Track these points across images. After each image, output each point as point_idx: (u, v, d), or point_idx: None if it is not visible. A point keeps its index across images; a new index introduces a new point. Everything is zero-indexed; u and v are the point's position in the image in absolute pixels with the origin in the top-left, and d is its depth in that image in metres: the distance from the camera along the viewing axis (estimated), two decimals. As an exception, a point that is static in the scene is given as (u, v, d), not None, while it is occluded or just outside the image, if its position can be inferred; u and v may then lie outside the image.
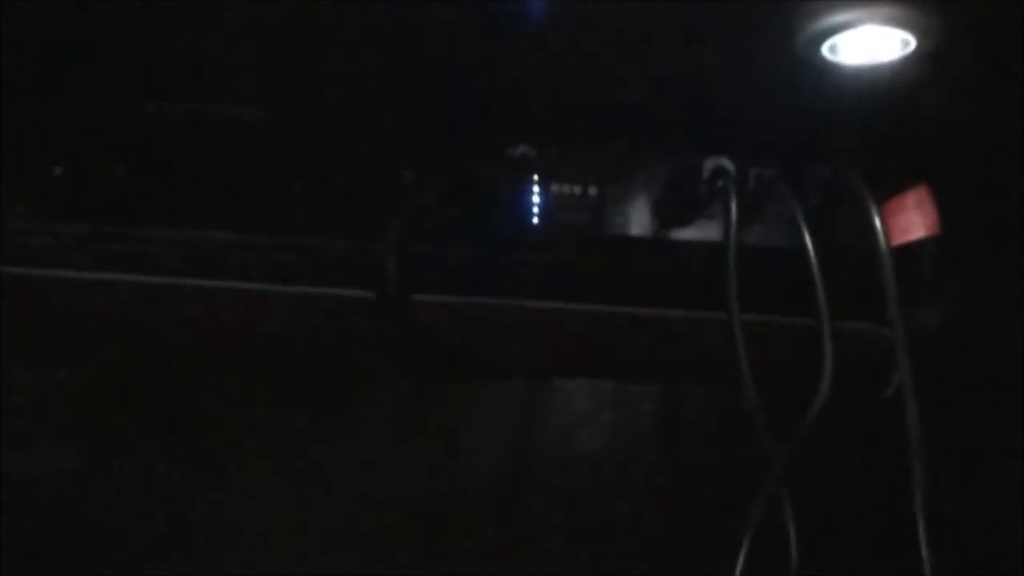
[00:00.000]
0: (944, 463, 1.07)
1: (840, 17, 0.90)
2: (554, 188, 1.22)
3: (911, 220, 1.19)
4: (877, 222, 1.05)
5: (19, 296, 1.26)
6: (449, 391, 1.48)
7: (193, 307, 1.27)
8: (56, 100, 1.24)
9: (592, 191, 1.22)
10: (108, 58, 1.16)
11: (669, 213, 1.23)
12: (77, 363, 1.42)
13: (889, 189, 1.18)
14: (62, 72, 1.20)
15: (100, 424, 1.42)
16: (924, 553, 1.05)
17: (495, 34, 1.02)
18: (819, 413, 1.08)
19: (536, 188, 1.21)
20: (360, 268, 1.25)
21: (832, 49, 0.95)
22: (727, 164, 1.18)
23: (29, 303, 1.27)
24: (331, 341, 1.33)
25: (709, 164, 1.18)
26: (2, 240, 1.23)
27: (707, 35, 1.03)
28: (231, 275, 1.26)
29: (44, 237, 1.24)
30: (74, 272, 1.26)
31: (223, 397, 1.42)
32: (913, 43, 0.93)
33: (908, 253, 1.23)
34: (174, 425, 1.41)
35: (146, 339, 1.32)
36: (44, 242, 1.25)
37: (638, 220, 1.23)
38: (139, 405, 1.40)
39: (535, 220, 1.21)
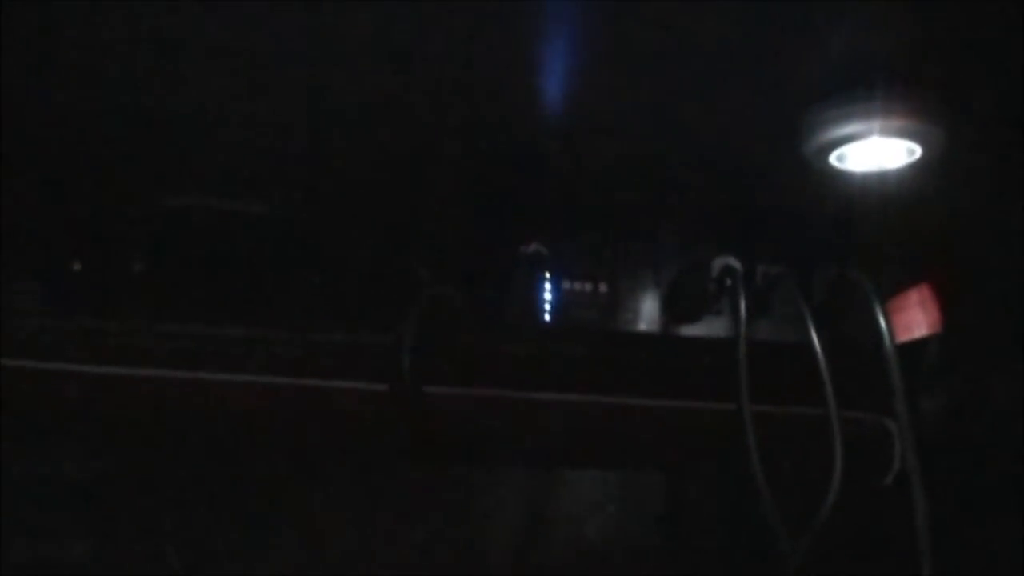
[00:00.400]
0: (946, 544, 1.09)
1: (848, 129, 0.93)
2: (565, 284, 1.24)
3: (914, 318, 1.22)
4: (883, 321, 1.08)
5: (28, 388, 1.27)
6: (459, 481, 1.49)
7: (208, 400, 1.28)
8: (74, 197, 1.26)
9: (603, 287, 1.24)
10: (128, 155, 1.19)
11: (678, 309, 1.25)
12: (86, 455, 1.43)
13: (893, 288, 1.21)
14: (80, 171, 1.22)
15: (109, 516, 1.43)
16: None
17: (508, 132, 1.05)
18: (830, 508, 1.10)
19: (548, 284, 1.24)
20: (373, 360, 1.27)
21: (840, 158, 0.98)
22: (735, 263, 1.21)
23: (38, 395, 1.29)
24: (343, 431, 1.35)
25: (718, 263, 1.21)
26: (16, 333, 1.24)
27: (717, 137, 1.06)
28: (247, 369, 1.28)
29: (57, 331, 1.26)
30: (85, 366, 1.27)
31: (234, 488, 1.43)
32: (919, 152, 0.96)
33: (911, 346, 1.26)
34: (185, 516, 1.41)
35: (158, 431, 1.33)
36: (57, 335, 1.26)
37: (647, 316, 1.26)
38: (148, 497, 1.41)
39: (546, 316, 1.24)
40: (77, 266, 1.25)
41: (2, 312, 1.23)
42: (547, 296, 1.24)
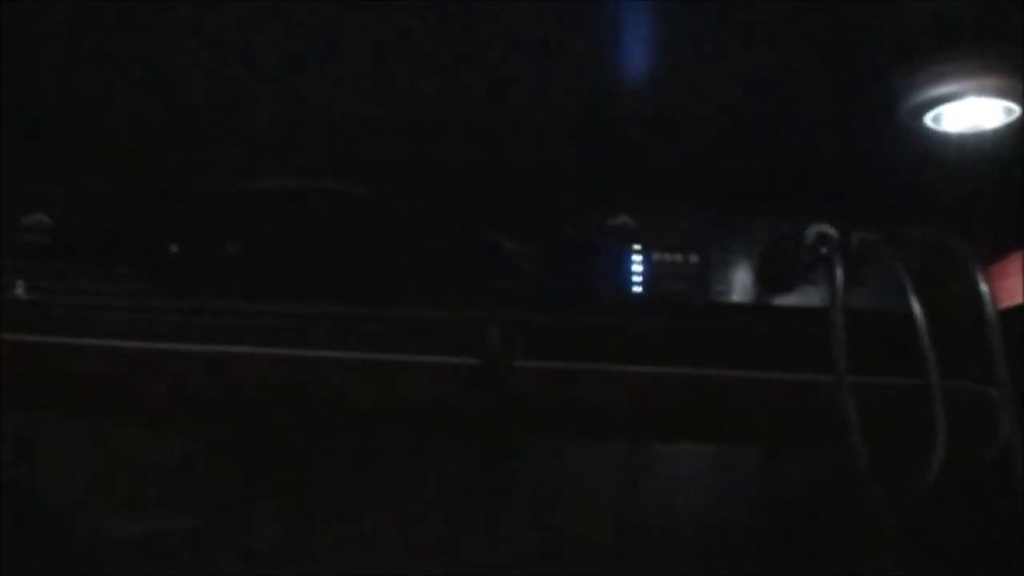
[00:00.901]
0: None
1: (944, 89, 0.91)
2: (655, 256, 1.23)
3: (1016, 284, 1.18)
4: (984, 287, 1.05)
5: (129, 367, 1.30)
6: (550, 456, 1.49)
7: (299, 376, 1.30)
8: (169, 181, 1.29)
9: (693, 258, 1.23)
10: (219, 138, 1.20)
11: (771, 279, 1.23)
12: (185, 431, 1.46)
13: (993, 253, 1.18)
14: (175, 155, 1.24)
15: (206, 490, 1.45)
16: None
17: (595, 104, 1.04)
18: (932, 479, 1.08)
19: (637, 256, 1.23)
20: (462, 335, 1.27)
21: (935, 119, 0.95)
22: (830, 230, 1.19)
23: (140, 374, 1.31)
24: (434, 407, 1.35)
25: (812, 230, 1.19)
26: (119, 315, 1.27)
27: (808, 103, 1.04)
28: (338, 345, 1.29)
29: (158, 312, 1.28)
30: (185, 344, 1.29)
31: (325, 463, 1.45)
32: (1017, 111, 0.93)
33: (1013, 313, 1.23)
34: (278, 492, 1.43)
35: (253, 408, 1.35)
36: (157, 316, 1.28)
37: (740, 286, 1.24)
38: (245, 472, 1.43)
39: (637, 288, 1.23)
40: (175, 248, 1.27)
41: (104, 295, 1.25)
42: (637, 268, 1.22)
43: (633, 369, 1.26)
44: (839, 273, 1.14)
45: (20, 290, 1.24)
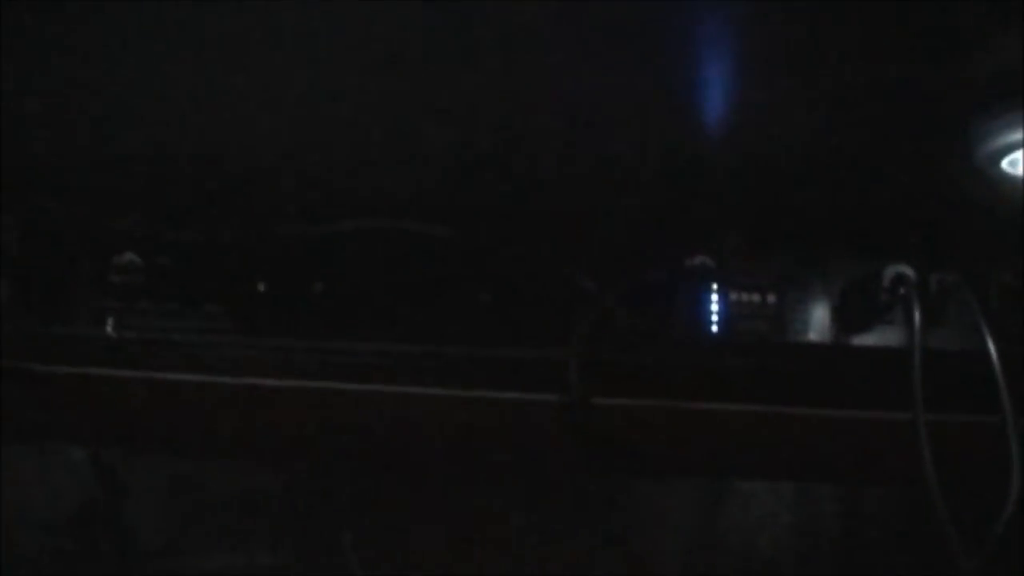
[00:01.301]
0: None
1: (1019, 135, 0.92)
2: (732, 296, 1.25)
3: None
4: (1063, 329, 1.05)
5: (217, 404, 1.33)
6: (629, 493, 1.50)
7: (383, 413, 1.33)
8: (257, 221, 1.33)
9: (771, 298, 1.24)
10: (308, 179, 1.24)
11: (849, 319, 1.24)
12: (271, 468, 1.49)
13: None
14: (263, 196, 1.28)
15: (291, 527, 1.48)
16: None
17: (675, 145, 1.06)
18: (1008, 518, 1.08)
19: (715, 296, 1.24)
20: (542, 373, 1.29)
21: (1012, 163, 0.96)
22: (908, 271, 1.20)
23: (226, 411, 1.35)
24: (512, 443, 1.37)
25: (890, 271, 1.20)
26: (207, 352, 1.30)
27: (887, 144, 1.05)
28: (420, 382, 1.32)
29: (245, 349, 1.32)
30: (272, 381, 1.32)
31: (407, 499, 1.47)
32: (1092, 156, 0.94)
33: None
34: (361, 528, 1.46)
35: (338, 443, 1.38)
36: (245, 353, 1.32)
37: (817, 326, 1.25)
38: (329, 509, 1.46)
39: (714, 328, 1.24)
40: (262, 287, 1.30)
41: (193, 333, 1.29)
42: (714, 308, 1.24)
43: (711, 407, 1.28)
44: (917, 314, 1.14)
45: (110, 328, 1.28)
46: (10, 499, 1.41)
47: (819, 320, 1.24)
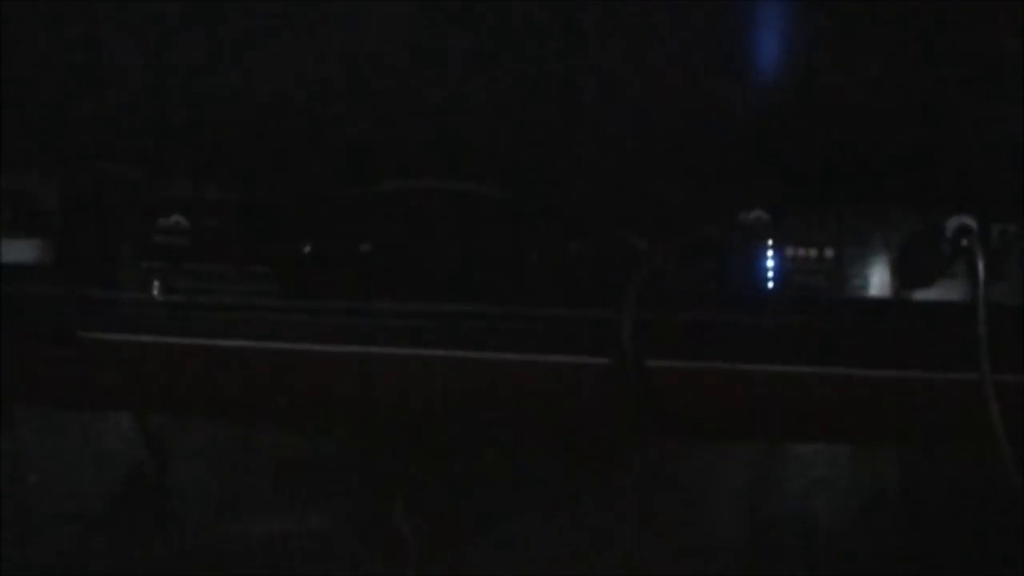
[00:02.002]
0: None
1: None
2: (789, 251, 1.21)
3: None
4: None
5: (263, 368, 1.32)
6: (684, 457, 1.47)
7: (431, 377, 1.30)
8: (304, 182, 1.31)
9: (828, 253, 1.21)
10: (351, 140, 1.22)
11: (910, 273, 1.21)
12: (318, 432, 1.47)
13: None
14: (308, 156, 1.26)
15: (339, 492, 1.47)
16: None
17: (729, 99, 1.03)
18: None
19: (771, 252, 1.21)
20: (595, 335, 1.26)
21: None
22: (971, 222, 1.16)
23: (274, 375, 1.33)
24: (564, 405, 1.35)
25: (952, 223, 1.16)
26: (254, 316, 1.29)
27: (948, 94, 1.01)
28: (470, 346, 1.29)
29: (292, 312, 1.30)
30: (318, 345, 1.30)
31: (456, 463, 1.45)
32: None
33: None
34: (416, 493, 1.44)
35: (384, 408, 1.36)
36: (291, 317, 1.30)
37: (877, 281, 1.22)
38: (382, 472, 1.44)
39: (770, 284, 1.21)
40: (308, 249, 1.28)
41: (239, 296, 1.27)
42: (770, 264, 1.21)
43: (768, 368, 1.24)
44: (981, 266, 1.11)
45: (156, 292, 1.27)
46: (56, 465, 1.40)
47: (879, 275, 1.20)
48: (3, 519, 1.39)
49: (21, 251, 1.27)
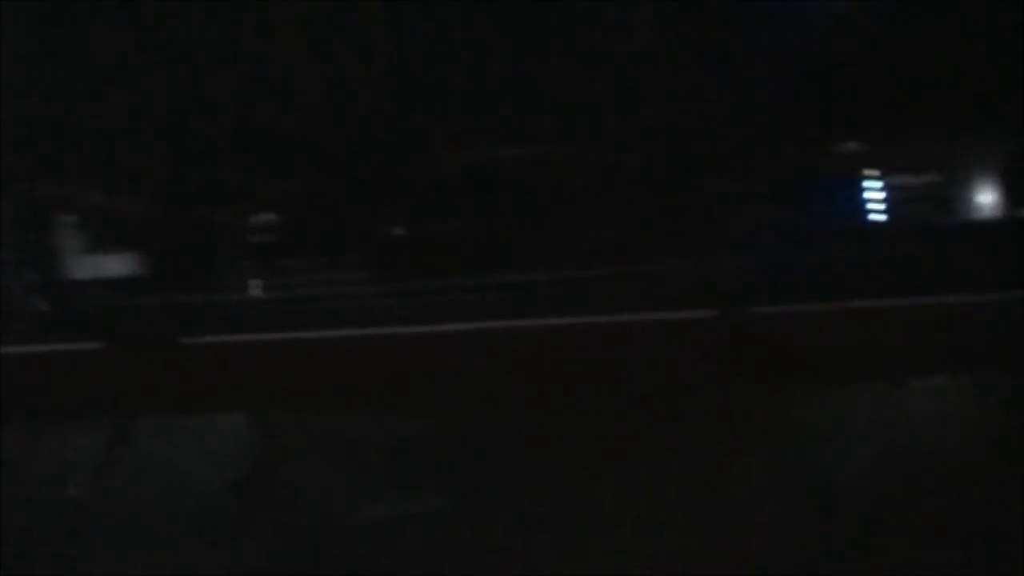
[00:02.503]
0: None
1: None
2: (890, 180, 1.17)
3: None
4: None
5: (366, 353, 1.31)
6: (800, 399, 1.43)
7: (544, 346, 1.29)
8: (386, 165, 1.29)
9: (932, 179, 1.16)
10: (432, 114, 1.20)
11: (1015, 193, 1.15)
12: (425, 413, 1.46)
13: None
14: (389, 138, 1.24)
15: (455, 471, 1.45)
16: None
17: (825, 30, 0.99)
18: None
19: (873, 183, 1.17)
20: (699, 287, 1.23)
21: None
22: None
23: (376, 359, 1.32)
24: (668, 360, 1.32)
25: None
26: (351, 304, 1.28)
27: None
28: (575, 311, 1.27)
29: (387, 296, 1.28)
30: (418, 327, 1.29)
31: (575, 426, 1.42)
32: None
33: None
34: (530, 460, 1.42)
35: (492, 384, 1.34)
36: (387, 301, 1.29)
37: (983, 204, 1.17)
38: (492, 448, 1.42)
39: (876, 216, 1.17)
40: (399, 231, 1.27)
41: (335, 285, 1.26)
42: (872, 195, 1.16)
43: (879, 304, 1.20)
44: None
45: (254, 290, 1.26)
46: (171, 467, 1.41)
47: (985, 198, 1.15)
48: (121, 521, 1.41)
49: (119, 264, 1.27)
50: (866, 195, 1.14)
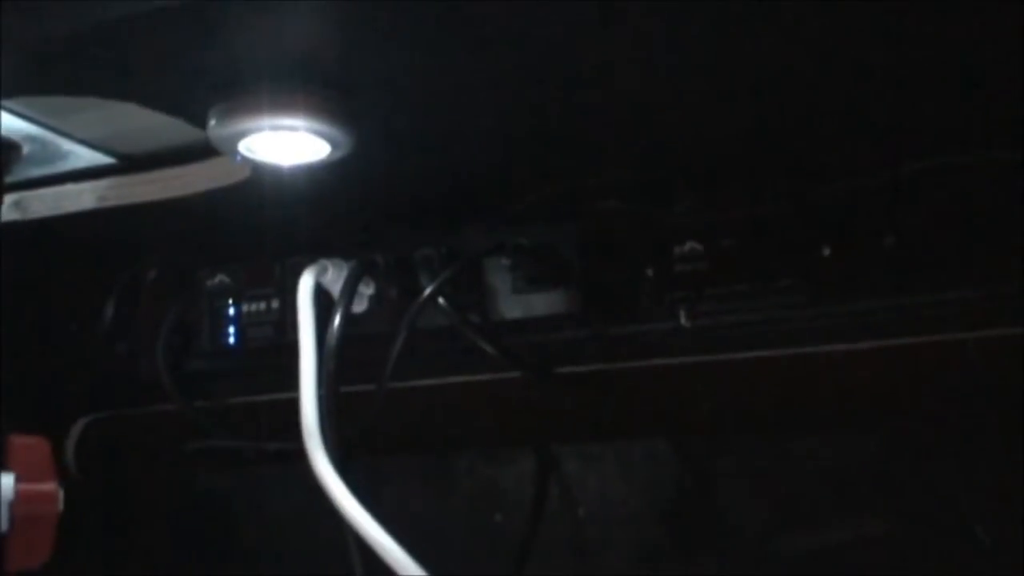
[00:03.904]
0: None
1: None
2: None
3: None
4: None
5: (797, 373, 1.30)
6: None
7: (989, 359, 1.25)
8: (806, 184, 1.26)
9: None
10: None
11: None
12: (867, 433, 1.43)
13: None
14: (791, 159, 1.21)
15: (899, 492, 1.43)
16: None
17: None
18: None
19: None
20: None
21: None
22: None
23: (809, 379, 1.31)
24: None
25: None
26: (783, 327, 1.26)
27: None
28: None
29: (821, 318, 1.26)
30: (849, 344, 1.28)
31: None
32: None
33: None
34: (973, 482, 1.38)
35: (926, 399, 1.32)
36: (821, 323, 1.26)
37: None
38: (933, 466, 1.39)
39: None
40: (826, 252, 1.25)
41: (765, 310, 1.25)
42: None
43: None
44: None
45: (683, 319, 1.26)
46: (596, 497, 1.43)
47: None
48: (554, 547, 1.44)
49: (551, 302, 1.28)
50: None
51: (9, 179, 1.13)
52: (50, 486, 1.04)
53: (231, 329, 1.36)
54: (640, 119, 1.07)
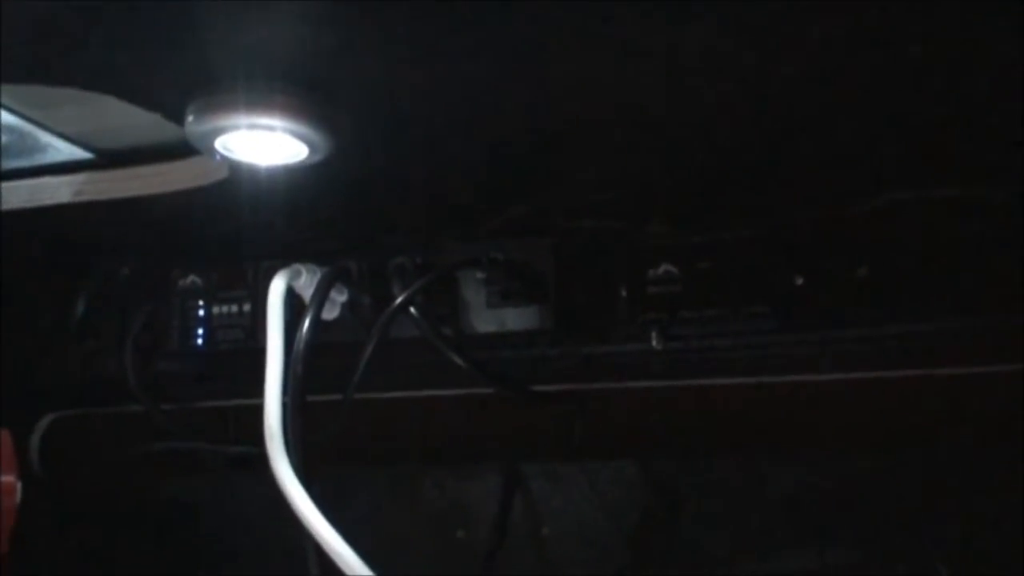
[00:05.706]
0: None
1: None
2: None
3: None
4: None
5: (766, 401, 1.30)
6: None
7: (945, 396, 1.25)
8: (782, 212, 1.27)
9: None
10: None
11: None
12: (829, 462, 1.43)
13: None
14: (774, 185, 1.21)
15: (865, 522, 1.43)
16: None
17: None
18: None
19: None
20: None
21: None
22: None
23: (781, 410, 1.31)
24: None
25: None
26: (754, 355, 1.26)
27: None
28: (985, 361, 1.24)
29: (787, 346, 1.26)
30: (822, 375, 1.27)
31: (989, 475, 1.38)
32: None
33: None
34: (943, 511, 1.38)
35: (897, 432, 1.32)
36: (787, 351, 1.27)
37: None
38: (904, 498, 1.39)
39: None
40: (799, 281, 1.25)
41: (736, 336, 1.25)
42: None
43: None
44: None
45: (655, 342, 1.26)
46: (562, 518, 1.43)
47: None
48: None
49: (524, 318, 1.28)
50: None
51: (-16, 170, 1.12)
52: (8, 478, 1.03)
53: (201, 331, 1.34)
54: (619, 142, 1.07)
